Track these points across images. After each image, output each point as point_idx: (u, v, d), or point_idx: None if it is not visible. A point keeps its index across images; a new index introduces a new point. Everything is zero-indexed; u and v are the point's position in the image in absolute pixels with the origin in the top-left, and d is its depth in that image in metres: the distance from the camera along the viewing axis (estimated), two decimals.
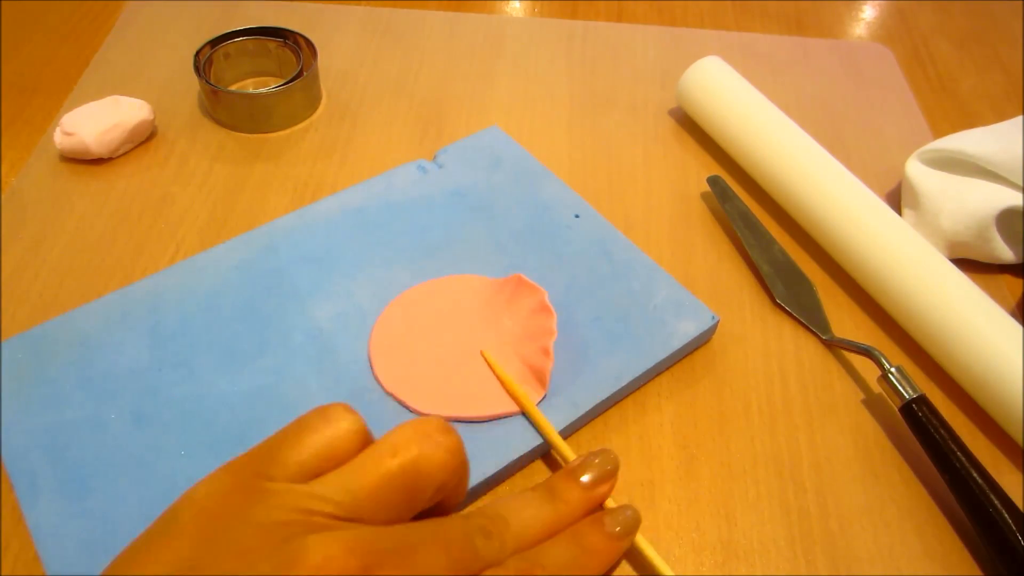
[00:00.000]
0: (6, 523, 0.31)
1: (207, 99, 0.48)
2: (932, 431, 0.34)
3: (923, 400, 0.34)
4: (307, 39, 0.50)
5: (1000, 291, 0.42)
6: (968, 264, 0.43)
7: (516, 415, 0.33)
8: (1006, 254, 0.42)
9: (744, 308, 0.40)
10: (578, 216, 0.42)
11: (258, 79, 0.52)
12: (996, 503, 0.31)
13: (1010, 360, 0.35)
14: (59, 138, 0.44)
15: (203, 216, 0.43)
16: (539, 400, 0.34)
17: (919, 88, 0.56)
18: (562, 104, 0.51)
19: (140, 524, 0.29)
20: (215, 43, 0.49)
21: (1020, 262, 0.43)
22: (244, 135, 0.48)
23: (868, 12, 0.64)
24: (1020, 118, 0.44)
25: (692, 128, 0.50)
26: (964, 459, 0.33)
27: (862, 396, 0.37)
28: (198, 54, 0.48)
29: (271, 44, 0.50)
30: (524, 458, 0.33)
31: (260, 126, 0.48)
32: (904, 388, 0.35)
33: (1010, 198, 0.41)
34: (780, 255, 0.42)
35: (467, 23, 0.57)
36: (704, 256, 0.43)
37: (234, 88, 0.50)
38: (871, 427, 0.36)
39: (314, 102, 0.50)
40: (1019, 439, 0.35)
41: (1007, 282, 0.43)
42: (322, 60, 0.51)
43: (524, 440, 0.33)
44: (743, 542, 0.32)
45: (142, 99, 0.46)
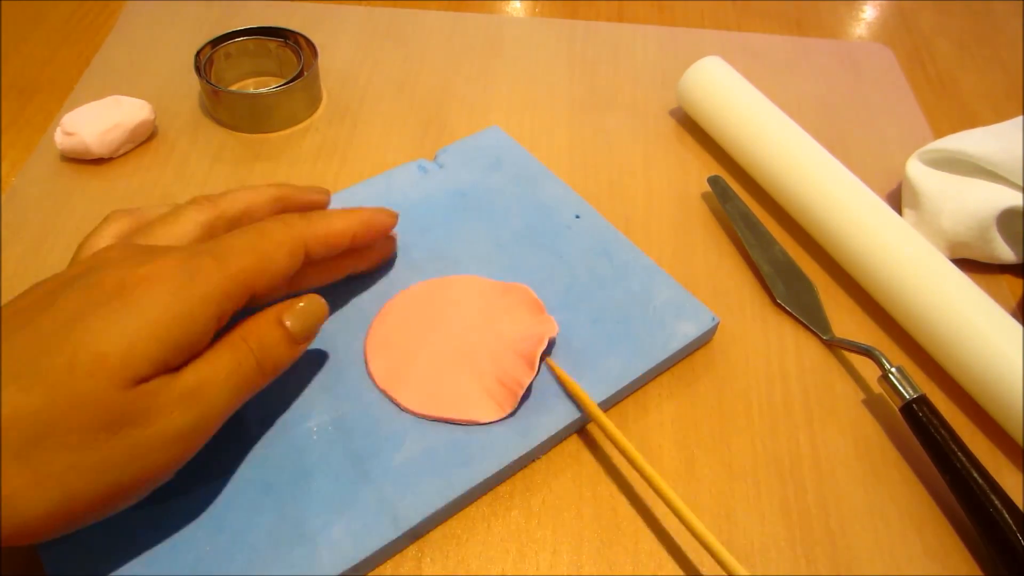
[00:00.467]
0: None
1: (208, 99, 0.48)
2: (932, 431, 0.34)
3: (923, 400, 0.34)
4: (308, 39, 0.50)
5: (1000, 291, 0.42)
6: (968, 264, 0.43)
7: (507, 419, 0.33)
8: (1007, 254, 0.42)
9: (744, 308, 0.40)
10: (578, 216, 0.42)
11: (259, 79, 0.52)
12: (996, 503, 0.31)
13: (1010, 360, 0.35)
14: (60, 138, 0.44)
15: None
16: (500, 418, 0.33)
17: (919, 88, 0.56)
18: (562, 104, 0.51)
19: (140, 524, 0.29)
20: (216, 43, 0.49)
21: (1020, 262, 0.43)
22: (245, 135, 0.48)
23: (868, 12, 0.64)
24: (1020, 118, 0.44)
25: (692, 128, 0.50)
26: (964, 459, 0.33)
27: (862, 396, 0.37)
28: (199, 54, 0.48)
29: (272, 44, 0.50)
30: (516, 463, 0.33)
31: (261, 126, 0.48)
32: (904, 388, 0.35)
33: (1010, 198, 0.41)
34: (780, 255, 0.42)
35: (467, 23, 0.57)
36: (704, 256, 0.43)
37: (235, 88, 0.50)
38: (871, 427, 0.36)
39: (315, 102, 0.50)
40: (1019, 439, 0.35)
41: (1007, 282, 0.43)
42: (323, 60, 0.51)
43: (516, 445, 0.33)
44: (744, 542, 0.32)
45: (143, 99, 0.46)
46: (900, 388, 0.35)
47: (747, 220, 0.43)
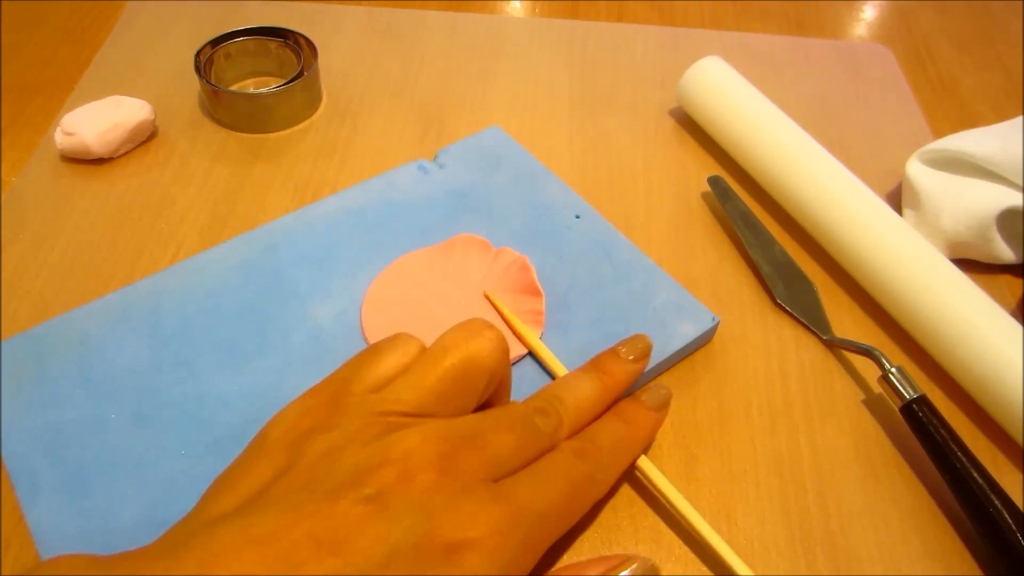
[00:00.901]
0: (6, 523, 0.31)
1: (208, 99, 0.48)
2: (932, 431, 0.33)
3: (923, 400, 0.34)
4: (308, 39, 0.50)
5: (1000, 291, 0.42)
6: (968, 264, 0.43)
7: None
8: (1007, 254, 0.42)
9: (744, 308, 0.40)
10: (579, 217, 0.42)
11: (259, 79, 0.52)
12: (996, 503, 0.31)
13: (1010, 360, 0.35)
14: (60, 138, 0.44)
15: (204, 216, 0.43)
16: (540, 334, 0.36)
17: (919, 88, 0.56)
18: (562, 104, 0.51)
19: (140, 524, 0.29)
20: (216, 43, 0.49)
21: (1020, 262, 0.43)
22: (245, 135, 0.48)
23: (868, 12, 0.64)
24: (1020, 118, 0.44)
25: (692, 128, 0.50)
26: (964, 459, 0.33)
27: (862, 396, 0.37)
28: (199, 54, 0.48)
29: (272, 44, 0.50)
30: None
31: (261, 126, 0.48)
32: (904, 388, 0.35)
33: (1011, 198, 0.41)
34: (780, 255, 0.42)
35: (467, 23, 0.57)
36: (704, 256, 0.43)
37: (235, 88, 0.50)
38: (871, 427, 0.36)
39: (314, 102, 0.50)
40: (1019, 439, 0.35)
41: (1007, 282, 0.43)
42: (323, 60, 0.51)
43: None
44: (744, 542, 0.32)
45: (143, 99, 0.46)
46: (900, 388, 0.35)
47: (747, 220, 0.43)
